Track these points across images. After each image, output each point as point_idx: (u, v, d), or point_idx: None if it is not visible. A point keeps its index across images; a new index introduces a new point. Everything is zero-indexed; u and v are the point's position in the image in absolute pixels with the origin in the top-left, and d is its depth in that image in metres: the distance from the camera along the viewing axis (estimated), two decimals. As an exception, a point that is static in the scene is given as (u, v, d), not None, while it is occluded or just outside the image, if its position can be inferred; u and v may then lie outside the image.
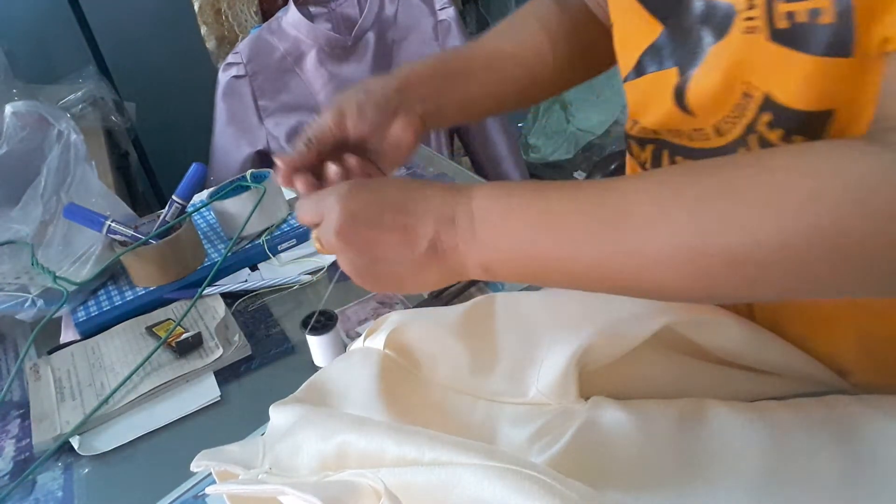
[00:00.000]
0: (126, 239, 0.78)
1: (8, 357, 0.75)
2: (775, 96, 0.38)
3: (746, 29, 0.38)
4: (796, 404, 0.45)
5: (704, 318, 0.48)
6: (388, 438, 0.37)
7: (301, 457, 0.41)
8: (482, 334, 0.52)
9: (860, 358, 0.46)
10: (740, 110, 0.41)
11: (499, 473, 0.33)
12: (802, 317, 0.47)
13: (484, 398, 0.49)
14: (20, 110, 0.81)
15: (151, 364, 0.67)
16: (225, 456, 0.44)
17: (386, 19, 1.44)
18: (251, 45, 1.39)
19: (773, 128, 0.39)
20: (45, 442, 0.60)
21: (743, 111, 0.41)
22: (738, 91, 0.40)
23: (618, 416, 0.45)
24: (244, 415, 0.61)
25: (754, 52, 0.38)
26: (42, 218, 0.81)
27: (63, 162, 0.81)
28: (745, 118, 0.41)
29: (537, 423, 0.46)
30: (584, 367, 0.47)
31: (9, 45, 1.53)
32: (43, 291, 0.75)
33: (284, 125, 1.43)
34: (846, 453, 0.41)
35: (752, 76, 0.39)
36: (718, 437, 0.43)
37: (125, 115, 1.66)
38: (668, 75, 0.45)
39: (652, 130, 0.49)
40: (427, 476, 0.34)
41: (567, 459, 0.43)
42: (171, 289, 0.78)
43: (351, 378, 0.51)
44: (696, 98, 0.43)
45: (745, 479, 0.41)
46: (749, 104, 0.40)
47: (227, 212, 0.84)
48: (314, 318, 0.63)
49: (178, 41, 1.88)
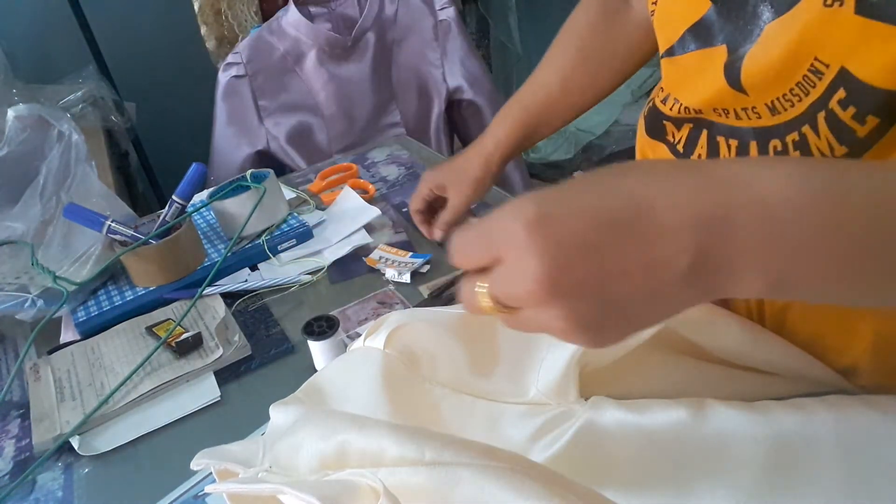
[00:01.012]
0: (126, 239, 0.78)
1: (8, 357, 0.75)
2: (855, 72, 0.37)
3: (826, 2, 0.36)
4: (797, 404, 0.45)
5: (705, 319, 0.48)
6: (388, 438, 0.37)
7: (301, 456, 0.41)
8: (482, 334, 0.52)
9: (872, 359, 0.46)
10: (806, 87, 0.39)
11: (498, 473, 0.33)
12: (814, 317, 0.47)
13: (484, 398, 0.49)
14: (22, 114, 0.81)
15: (151, 364, 0.67)
16: (225, 455, 0.44)
17: (386, 19, 1.44)
18: (251, 45, 1.39)
19: (847, 106, 0.38)
20: (45, 442, 0.60)
21: (809, 88, 0.39)
22: (802, 67, 0.38)
23: (618, 416, 0.45)
24: (244, 415, 0.61)
25: (833, 27, 0.36)
26: (42, 218, 0.81)
27: (63, 162, 0.81)
28: (812, 95, 0.39)
29: (537, 423, 0.46)
30: (584, 367, 0.47)
31: (9, 45, 1.53)
32: (43, 291, 0.75)
33: (284, 125, 1.43)
34: (847, 453, 0.41)
35: (824, 51, 0.37)
36: (718, 437, 0.43)
37: (125, 115, 1.66)
38: (715, 53, 0.43)
39: (694, 109, 0.47)
40: (427, 476, 0.34)
41: (567, 459, 0.43)
42: (171, 289, 0.78)
43: (351, 377, 0.51)
44: (752, 76, 0.41)
45: (746, 480, 0.41)
46: (818, 80, 0.38)
47: (227, 212, 0.84)
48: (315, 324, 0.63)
49: (178, 41, 1.88)
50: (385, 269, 0.78)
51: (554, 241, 0.28)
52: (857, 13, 0.35)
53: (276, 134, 1.43)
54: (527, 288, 0.28)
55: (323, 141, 1.46)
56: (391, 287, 0.77)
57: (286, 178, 1.08)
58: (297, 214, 0.90)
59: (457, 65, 1.50)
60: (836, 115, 0.38)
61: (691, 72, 0.46)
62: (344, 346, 0.64)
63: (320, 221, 0.90)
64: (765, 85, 0.41)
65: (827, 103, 0.39)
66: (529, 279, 0.28)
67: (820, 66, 0.38)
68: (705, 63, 0.44)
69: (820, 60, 0.38)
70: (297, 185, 1.03)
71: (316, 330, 0.62)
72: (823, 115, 0.39)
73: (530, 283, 0.28)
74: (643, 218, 0.28)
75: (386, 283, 0.77)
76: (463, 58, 1.49)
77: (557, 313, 0.29)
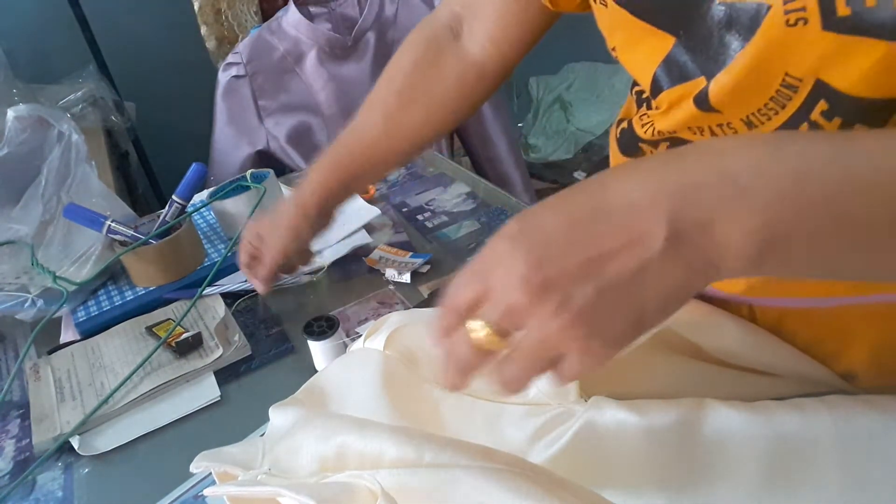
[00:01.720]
0: (126, 239, 0.78)
1: (8, 357, 0.75)
2: (832, 84, 0.36)
3: (788, 21, 0.35)
4: (796, 404, 0.45)
5: (704, 320, 0.48)
6: (387, 440, 0.37)
7: (300, 458, 0.41)
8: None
9: (871, 365, 0.46)
10: (781, 101, 0.39)
11: (497, 475, 0.33)
12: (812, 322, 0.47)
13: (484, 398, 0.49)
14: (22, 114, 0.81)
15: (151, 364, 0.67)
16: (224, 457, 0.44)
17: (386, 19, 1.44)
18: (251, 45, 1.39)
19: (832, 117, 0.37)
20: (45, 442, 0.60)
21: (785, 101, 0.39)
22: (774, 83, 0.38)
23: (618, 416, 0.45)
24: (244, 415, 0.61)
25: (801, 44, 0.35)
26: (42, 218, 0.81)
27: (63, 162, 0.81)
28: (790, 108, 0.39)
29: (537, 423, 0.46)
30: (584, 368, 0.47)
31: (9, 45, 1.53)
32: (43, 291, 0.75)
33: (284, 125, 1.43)
34: (847, 453, 0.41)
35: (794, 67, 0.37)
36: (718, 437, 0.43)
37: (125, 115, 1.66)
38: (695, 86, 0.42)
39: (668, 132, 0.47)
40: (425, 477, 0.34)
41: (567, 459, 0.43)
42: (171, 289, 0.78)
43: (351, 379, 0.51)
44: (719, 96, 0.40)
45: (745, 479, 0.41)
46: (794, 94, 0.38)
47: (227, 212, 0.84)
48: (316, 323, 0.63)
49: (178, 41, 1.88)
50: (385, 269, 0.78)
51: (535, 241, 0.30)
52: (825, 29, 0.34)
53: (276, 134, 1.43)
54: (520, 290, 0.29)
55: (323, 141, 1.46)
56: (391, 287, 0.77)
57: (286, 178, 1.08)
58: (297, 214, 0.90)
59: (457, 64, 1.49)
60: (821, 127, 0.38)
61: (672, 104, 0.45)
62: (344, 346, 0.64)
63: (320, 221, 0.89)
64: (736, 102, 0.40)
65: (808, 115, 0.38)
66: (519, 280, 0.29)
67: (792, 81, 0.37)
68: (686, 96, 0.43)
69: (791, 76, 0.37)
70: (296, 185, 1.03)
71: (316, 330, 0.62)
72: (806, 126, 0.39)
73: (521, 283, 0.29)
74: (615, 202, 0.29)
75: (386, 283, 0.77)
76: (463, 57, 1.49)
77: (556, 309, 0.29)
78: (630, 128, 0.51)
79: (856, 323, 0.45)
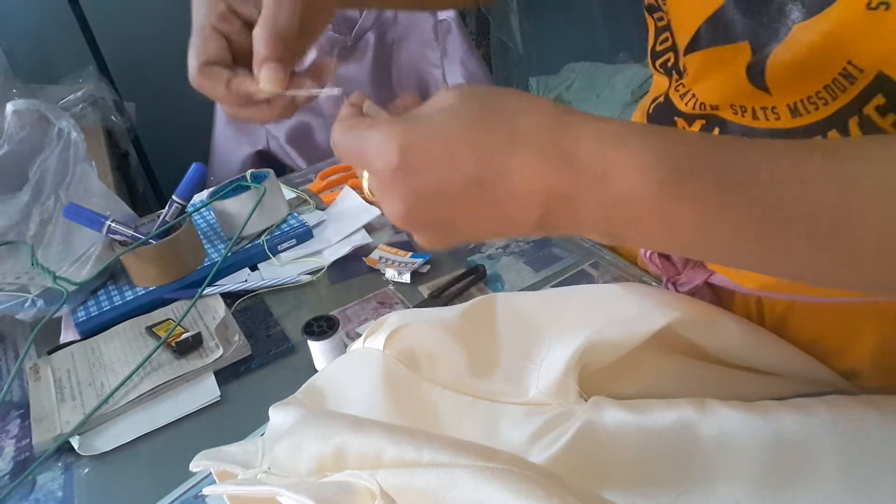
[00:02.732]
0: (126, 239, 0.78)
1: (8, 357, 0.75)
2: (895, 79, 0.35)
3: (870, 4, 0.33)
4: (796, 404, 0.45)
5: (705, 319, 0.48)
6: (386, 439, 0.37)
7: (300, 457, 0.41)
8: (482, 334, 0.52)
9: (874, 363, 0.46)
10: (835, 91, 0.37)
11: (497, 475, 0.33)
12: (816, 320, 0.47)
13: (484, 398, 0.49)
14: (21, 108, 0.81)
15: (151, 364, 0.67)
16: (224, 456, 0.44)
17: (386, 19, 1.44)
18: (251, 44, 1.39)
19: (886, 112, 0.36)
20: (45, 442, 0.60)
21: (838, 92, 0.37)
22: (833, 70, 0.37)
23: (618, 416, 0.45)
24: (244, 415, 0.61)
25: (875, 30, 0.34)
26: (42, 218, 0.81)
27: (63, 161, 0.81)
28: (843, 99, 0.37)
29: (537, 423, 0.46)
30: (585, 367, 0.47)
31: (9, 45, 1.53)
32: (43, 291, 0.75)
33: (284, 125, 1.43)
34: (846, 453, 0.41)
35: (861, 55, 0.35)
36: (718, 437, 0.43)
37: (125, 115, 1.66)
38: (737, 49, 0.41)
39: (710, 105, 0.45)
40: (425, 477, 0.34)
41: (567, 459, 0.43)
42: (171, 289, 0.78)
43: (351, 378, 0.51)
44: (777, 76, 0.39)
45: (745, 480, 0.41)
46: (851, 84, 0.37)
47: (227, 212, 0.84)
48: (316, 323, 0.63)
49: (178, 41, 1.86)
50: (385, 269, 0.78)
51: (414, 190, 0.33)
52: None
53: (276, 134, 1.43)
54: (391, 215, 0.35)
55: (323, 141, 1.46)
56: (391, 287, 0.76)
57: (286, 178, 1.08)
58: (297, 214, 0.90)
59: (457, 65, 1.50)
60: (873, 122, 0.37)
61: (711, 67, 0.44)
62: (344, 346, 0.64)
63: (320, 221, 0.90)
64: (790, 85, 0.39)
65: (861, 109, 0.37)
66: (393, 213, 0.34)
67: (853, 71, 0.36)
68: (726, 59, 0.42)
69: (854, 65, 0.36)
70: (297, 185, 1.03)
71: (316, 330, 0.62)
72: (856, 120, 0.37)
73: (394, 215, 0.34)
74: (498, 184, 0.32)
75: (386, 283, 0.77)
76: (463, 58, 1.49)
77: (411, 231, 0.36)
78: (668, 101, 0.49)
79: (862, 321, 0.45)
